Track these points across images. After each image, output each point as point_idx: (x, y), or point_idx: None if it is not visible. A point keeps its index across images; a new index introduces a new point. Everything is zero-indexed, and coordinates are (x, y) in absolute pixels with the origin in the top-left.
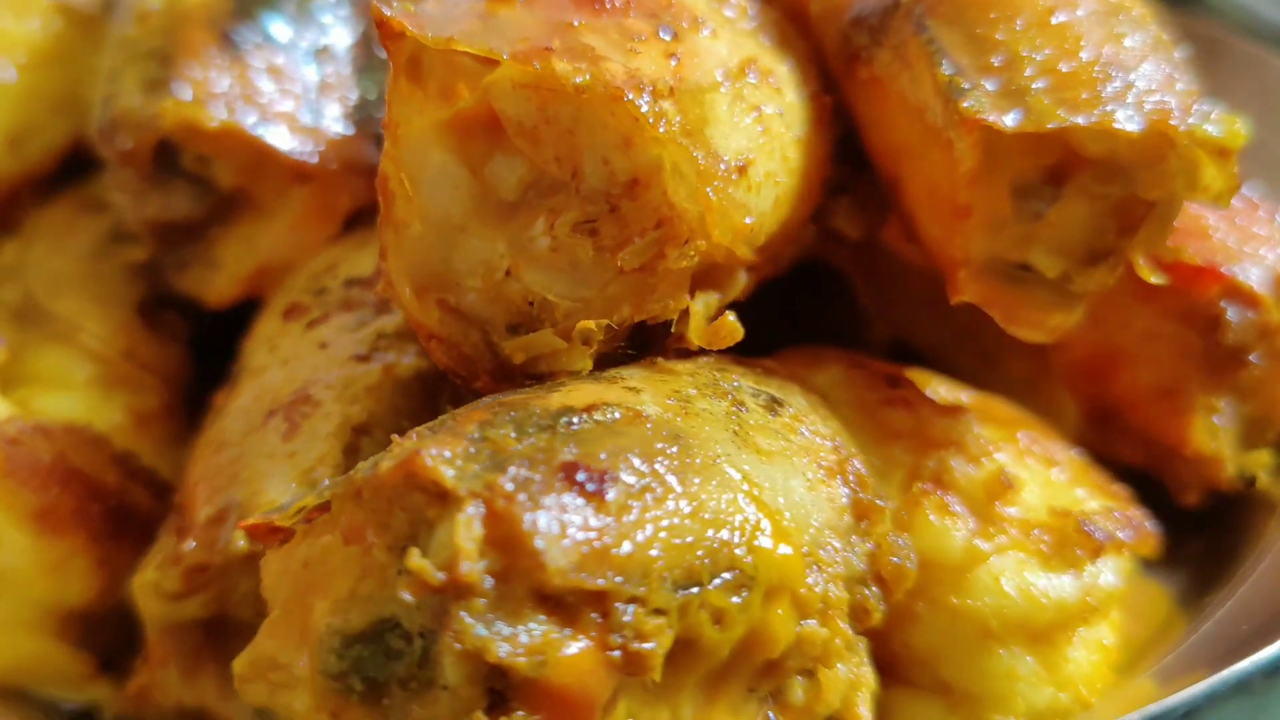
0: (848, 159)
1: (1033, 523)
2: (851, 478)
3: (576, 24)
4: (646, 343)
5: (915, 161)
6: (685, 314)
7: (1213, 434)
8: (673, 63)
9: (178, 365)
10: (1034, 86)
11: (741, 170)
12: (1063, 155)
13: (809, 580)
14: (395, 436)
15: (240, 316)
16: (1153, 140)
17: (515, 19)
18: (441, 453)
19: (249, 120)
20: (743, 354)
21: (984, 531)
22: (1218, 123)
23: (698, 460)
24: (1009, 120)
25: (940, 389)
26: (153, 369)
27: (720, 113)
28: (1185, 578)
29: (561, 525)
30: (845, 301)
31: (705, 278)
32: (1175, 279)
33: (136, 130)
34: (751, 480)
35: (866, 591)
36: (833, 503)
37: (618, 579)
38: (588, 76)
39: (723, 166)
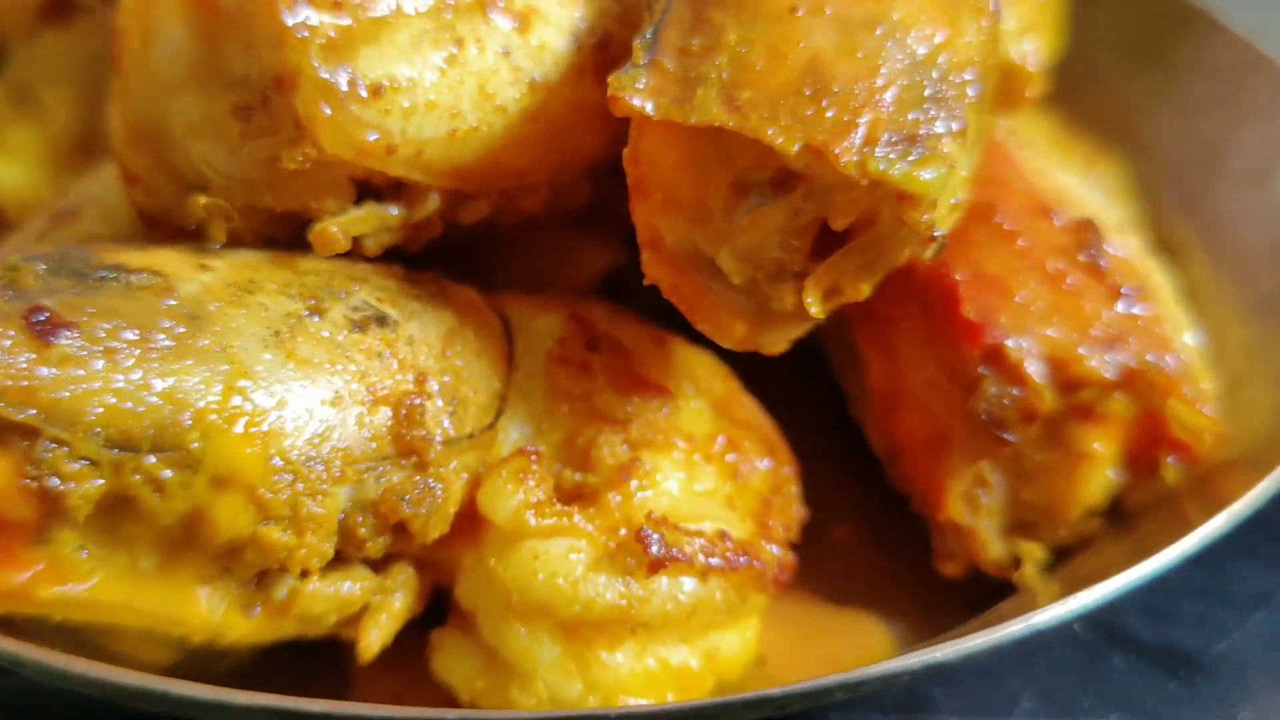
0: None
1: (628, 521)
2: (404, 412)
3: None
4: None
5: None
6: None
7: (972, 506)
8: None
9: None
10: (714, 77)
11: (376, 92)
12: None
13: (276, 484)
14: None
15: None
16: (812, 161)
17: None
18: None
19: None
20: None
21: (542, 509)
22: (907, 164)
23: (201, 343)
24: (649, 105)
25: (698, 376)
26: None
27: (395, 37)
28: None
29: None
30: None
31: (394, 192)
32: (953, 330)
33: None
34: (253, 377)
35: (360, 519)
36: (363, 428)
37: (40, 417)
38: None
39: (346, 85)
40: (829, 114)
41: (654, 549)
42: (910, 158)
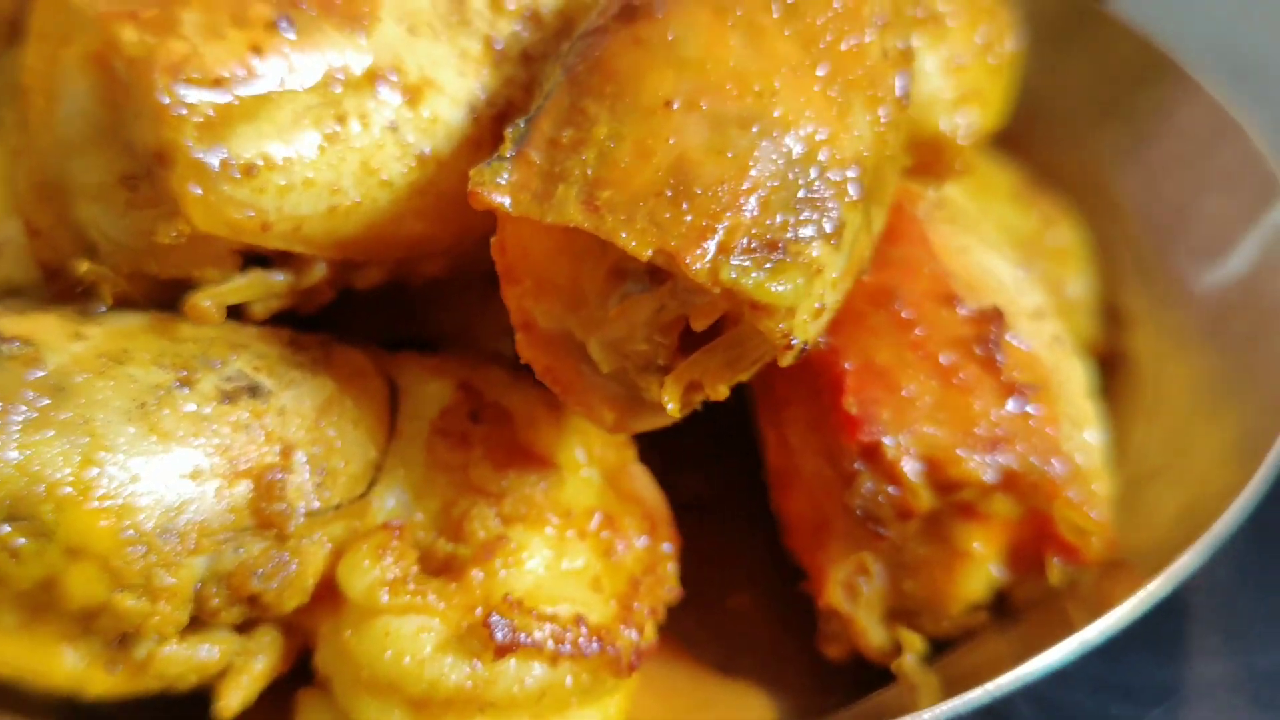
0: None
1: (486, 600)
2: (264, 486)
3: None
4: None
5: None
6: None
7: (852, 593)
8: (251, 58)
9: None
10: (578, 173)
11: (249, 172)
12: None
13: (129, 555)
14: None
15: None
16: (668, 266)
17: None
18: None
19: None
20: None
21: (397, 587)
22: (762, 273)
23: (63, 415)
24: (507, 201)
25: (591, 443)
26: None
27: (276, 114)
28: None
29: None
30: None
31: (281, 259)
32: (834, 421)
33: None
34: (112, 449)
35: (214, 590)
36: (222, 500)
37: None
38: (145, 50)
39: (218, 165)
40: (687, 218)
41: (499, 635)
42: (766, 266)
